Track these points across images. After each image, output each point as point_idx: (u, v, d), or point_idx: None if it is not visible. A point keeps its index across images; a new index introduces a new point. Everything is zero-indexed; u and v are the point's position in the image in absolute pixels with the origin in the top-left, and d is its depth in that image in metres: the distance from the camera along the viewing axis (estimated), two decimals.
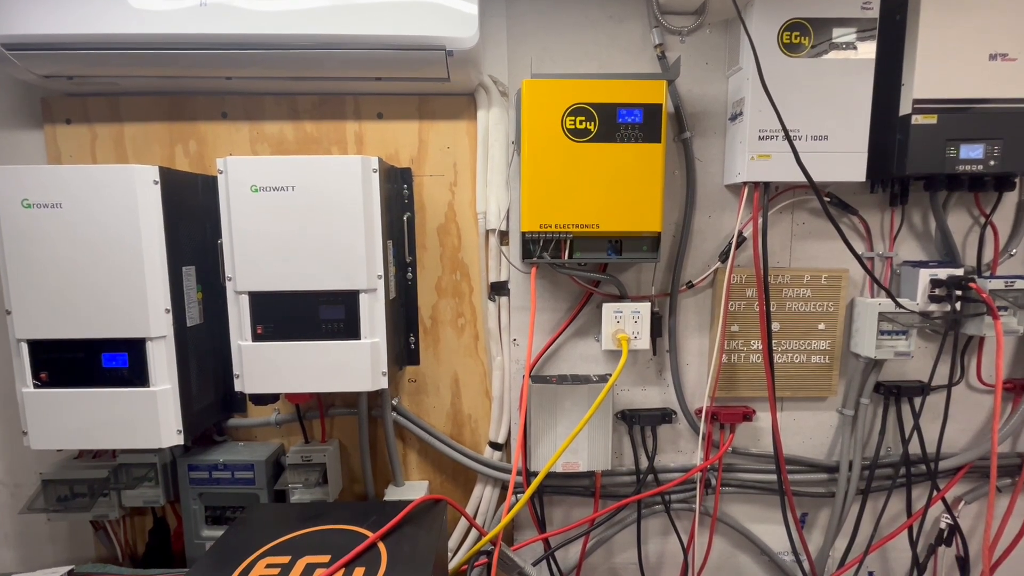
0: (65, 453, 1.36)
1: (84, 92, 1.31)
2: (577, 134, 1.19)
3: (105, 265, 1.07)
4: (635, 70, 1.35)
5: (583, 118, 1.19)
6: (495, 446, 1.46)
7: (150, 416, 1.12)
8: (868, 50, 1.23)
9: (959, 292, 1.30)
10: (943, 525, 1.50)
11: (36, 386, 1.11)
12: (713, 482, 1.46)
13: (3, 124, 1.33)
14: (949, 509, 1.49)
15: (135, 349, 1.11)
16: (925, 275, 1.34)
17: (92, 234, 1.06)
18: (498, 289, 1.41)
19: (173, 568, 1.36)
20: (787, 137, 1.08)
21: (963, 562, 1.50)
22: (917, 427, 1.43)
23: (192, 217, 1.20)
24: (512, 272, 1.41)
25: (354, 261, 1.12)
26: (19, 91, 1.31)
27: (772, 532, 1.52)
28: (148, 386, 1.11)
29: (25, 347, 1.09)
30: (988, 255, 1.42)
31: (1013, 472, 1.51)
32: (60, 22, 1.09)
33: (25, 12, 1.08)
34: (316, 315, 1.14)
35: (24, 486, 1.43)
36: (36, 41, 1.10)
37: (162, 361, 1.12)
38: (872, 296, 1.41)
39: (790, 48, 1.22)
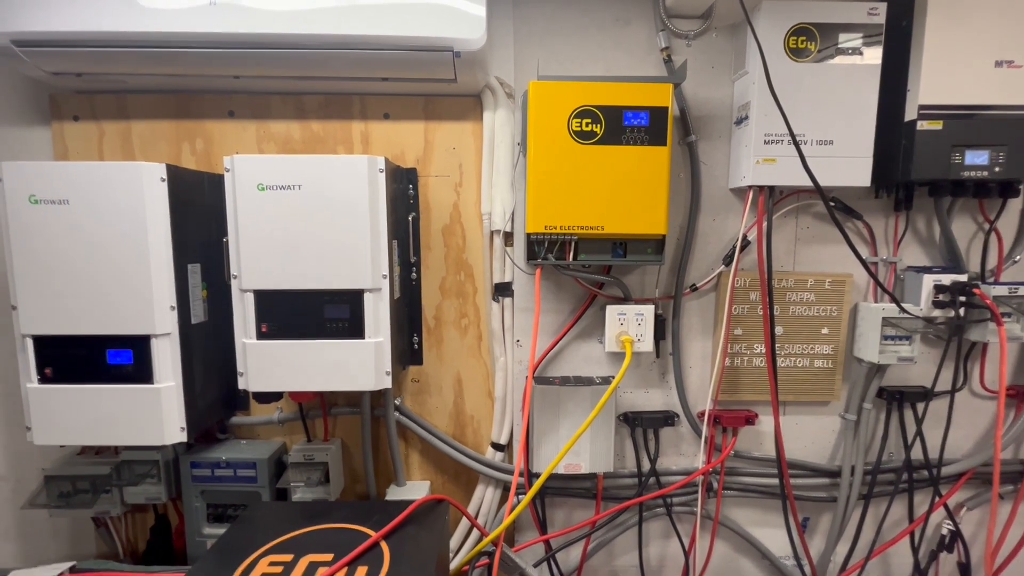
0: (68, 449, 1.36)
1: (92, 89, 1.32)
2: (583, 136, 1.19)
3: (111, 262, 1.08)
4: (641, 73, 1.36)
5: (589, 120, 1.19)
6: (497, 447, 1.46)
7: (154, 413, 1.12)
8: (874, 55, 1.23)
9: (963, 298, 1.31)
10: (945, 531, 1.50)
11: (40, 381, 1.11)
12: (715, 485, 1.46)
13: (11, 120, 1.33)
14: (951, 515, 1.49)
15: (140, 346, 1.11)
16: (929, 280, 1.34)
17: (98, 231, 1.07)
18: (502, 290, 1.41)
19: (174, 566, 1.36)
20: (794, 142, 1.08)
21: (965, 569, 1.50)
22: (920, 433, 1.43)
23: (198, 215, 1.20)
24: (516, 273, 1.41)
25: (359, 260, 1.12)
26: (28, 88, 1.32)
27: (774, 536, 1.52)
28: (152, 383, 1.12)
29: (30, 342, 1.10)
30: (992, 261, 1.42)
31: (1015, 479, 1.51)
32: (70, 19, 1.09)
33: (36, 9, 1.09)
34: (320, 314, 1.14)
35: (26, 481, 1.43)
36: (46, 38, 1.11)
37: (166, 358, 1.12)
38: (876, 301, 1.42)
39: (796, 53, 1.23)
